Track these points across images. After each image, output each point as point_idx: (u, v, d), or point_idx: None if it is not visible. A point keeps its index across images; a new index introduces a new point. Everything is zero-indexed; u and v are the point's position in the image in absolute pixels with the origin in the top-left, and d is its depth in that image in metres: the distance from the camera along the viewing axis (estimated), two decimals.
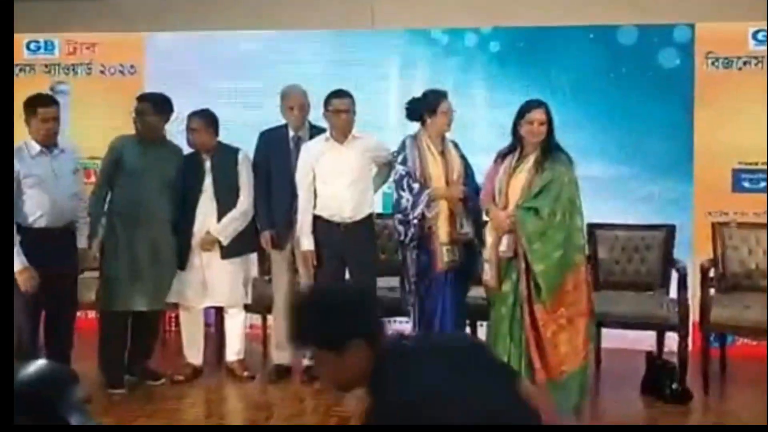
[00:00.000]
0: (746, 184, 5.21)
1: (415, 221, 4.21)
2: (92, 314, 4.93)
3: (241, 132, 4.93)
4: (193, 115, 4.61)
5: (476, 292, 4.27)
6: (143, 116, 4.46)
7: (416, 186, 4.22)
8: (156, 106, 4.48)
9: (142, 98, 4.58)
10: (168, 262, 4.49)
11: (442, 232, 4.22)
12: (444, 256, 4.21)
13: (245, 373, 4.64)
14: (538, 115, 3.92)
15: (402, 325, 4.59)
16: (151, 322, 4.57)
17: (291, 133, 4.65)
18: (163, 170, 4.49)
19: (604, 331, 4.56)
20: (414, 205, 4.21)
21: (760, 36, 5.21)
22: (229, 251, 4.59)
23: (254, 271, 5.03)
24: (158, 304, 4.50)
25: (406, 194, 4.23)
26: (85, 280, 4.84)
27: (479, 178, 4.25)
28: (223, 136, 4.70)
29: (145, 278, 4.39)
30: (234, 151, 4.65)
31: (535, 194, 3.84)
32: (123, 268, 4.37)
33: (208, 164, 4.59)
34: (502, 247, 3.89)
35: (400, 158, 4.30)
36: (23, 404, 1.38)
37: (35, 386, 1.43)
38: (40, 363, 1.48)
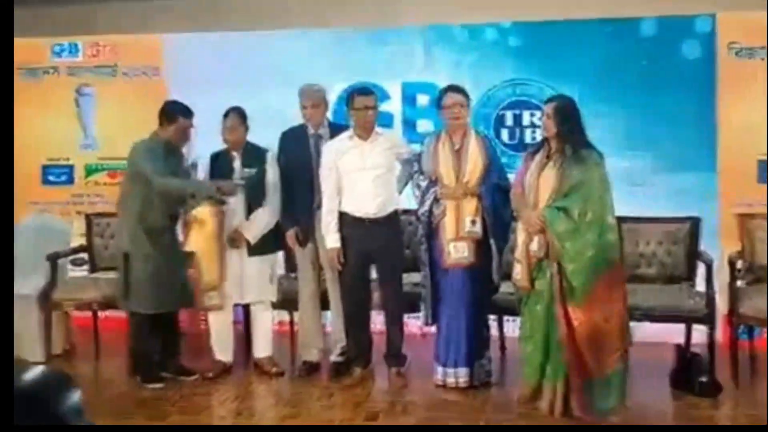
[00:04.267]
0: None
1: (424, 218, 4.28)
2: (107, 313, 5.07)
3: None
4: (229, 112, 4.66)
5: (507, 288, 4.29)
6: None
7: (425, 183, 4.28)
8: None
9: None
10: (175, 262, 4.53)
11: (449, 229, 4.28)
12: (450, 253, 4.25)
13: (274, 369, 4.68)
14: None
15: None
16: (171, 322, 4.63)
17: (311, 131, 4.68)
18: (177, 175, 4.54)
19: (632, 324, 4.54)
20: (421, 202, 4.29)
21: None
22: (256, 249, 4.64)
23: (281, 269, 5.06)
24: (173, 305, 4.56)
25: (416, 191, 4.35)
26: (96, 280, 4.95)
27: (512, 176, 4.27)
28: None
29: (170, 280, 4.44)
30: (263, 151, 4.71)
31: (565, 193, 3.82)
32: (148, 271, 4.43)
33: (237, 162, 4.63)
34: (534, 247, 3.88)
35: (415, 155, 4.37)
36: (22, 409, 1.38)
37: (34, 391, 1.43)
38: (38, 368, 1.49)
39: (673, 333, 4.61)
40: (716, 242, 4.99)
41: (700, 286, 4.55)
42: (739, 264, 4.60)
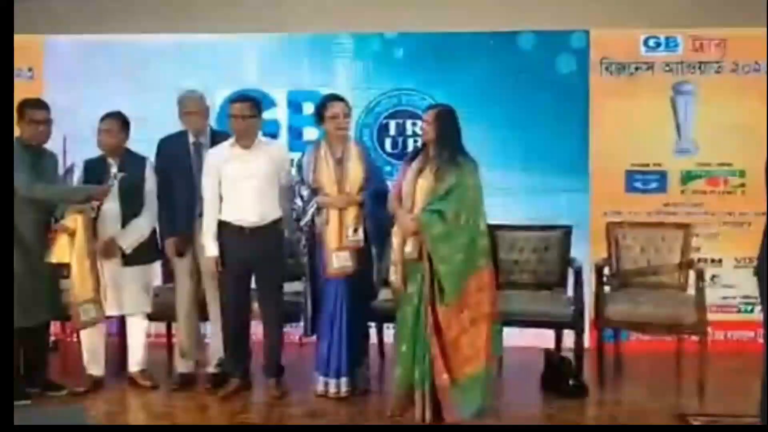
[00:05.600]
0: (638, 185, 5.45)
1: (306, 227, 4.30)
2: None
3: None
4: (106, 117, 4.55)
5: (385, 295, 4.35)
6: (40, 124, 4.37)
7: (306, 193, 4.30)
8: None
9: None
10: (42, 273, 4.36)
11: (332, 238, 4.32)
12: (333, 262, 4.29)
13: (148, 383, 4.59)
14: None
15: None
16: (38, 335, 4.46)
17: (191, 139, 4.61)
18: (47, 180, 4.41)
19: (506, 330, 4.68)
20: (303, 212, 4.30)
21: (650, 42, 5.45)
22: (132, 259, 4.53)
23: (158, 279, 4.96)
24: (41, 317, 4.39)
25: (297, 201, 4.34)
26: None
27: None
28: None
29: (24, 292, 4.27)
30: (141, 159, 4.62)
31: (440, 197, 3.92)
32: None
33: (114, 169, 4.53)
34: (408, 249, 3.96)
35: (296, 165, 4.38)
36: None
37: None
38: None
39: (546, 337, 4.76)
40: (587, 250, 5.20)
41: (571, 292, 4.72)
42: (606, 270, 4.80)
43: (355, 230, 4.33)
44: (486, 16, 5.52)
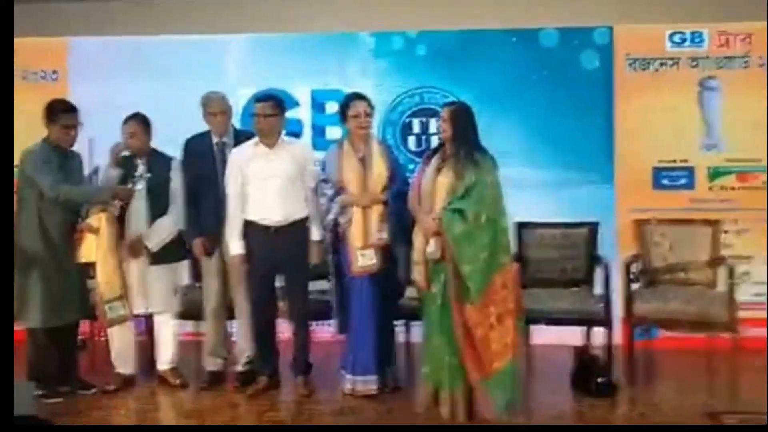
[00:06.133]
0: (666, 182, 5.40)
1: (329, 226, 4.32)
2: None
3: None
4: (129, 119, 4.58)
5: (412, 293, 4.35)
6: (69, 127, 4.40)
7: (330, 192, 4.31)
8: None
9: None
10: (71, 273, 4.39)
11: (356, 237, 4.32)
12: (359, 260, 4.28)
13: (177, 381, 4.61)
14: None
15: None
16: (68, 334, 4.49)
17: (215, 139, 4.63)
18: (74, 181, 4.43)
19: (534, 327, 4.66)
20: (327, 211, 4.31)
21: (675, 38, 5.41)
22: (158, 258, 4.56)
23: (186, 278, 4.98)
24: (70, 317, 4.42)
25: (321, 200, 4.36)
26: None
27: None
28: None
29: (53, 292, 4.31)
30: (168, 159, 4.65)
31: (460, 196, 3.90)
32: (43, 285, 4.30)
33: (141, 169, 4.55)
34: (430, 249, 3.95)
35: (320, 164, 4.39)
36: None
37: None
38: None
39: (575, 335, 4.73)
40: (613, 246, 5.17)
41: (599, 289, 4.69)
42: (634, 267, 4.76)
43: (379, 229, 4.33)
44: (508, 12, 5.51)
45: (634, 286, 4.71)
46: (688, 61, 5.39)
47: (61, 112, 4.37)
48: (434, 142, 5.51)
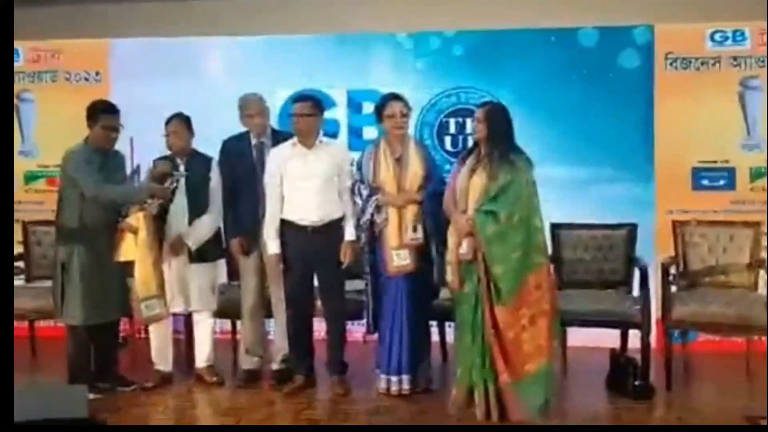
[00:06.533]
0: (705, 182, 5.33)
1: (365, 226, 4.35)
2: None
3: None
4: (172, 119, 4.65)
5: (446, 294, 4.35)
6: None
7: (365, 192, 4.34)
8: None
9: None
10: (112, 272, 4.46)
11: (392, 236, 4.34)
12: (394, 260, 4.30)
13: (214, 379, 4.67)
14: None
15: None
16: (109, 332, 4.57)
17: (253, 140, 4.68)
18: (115, 181, 4.50)
19: (570, 329, 4.64)
20: (363, 211, 4.34)
21: (717, 37, 5.33)
22: (197, 256, 4.62)
23: (223, 277, 5.05)
24: (111, 315, 4.49)
25: (357, 200, 4.39)
26: (32, 290, 4.82)
27: None
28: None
29: (95, 290, 4.39)
30: (208, 159, 4.71)
31: (493, 197, 3.91)
32: (84, 282, 4.37)
33: (182, 169, 4.63)
34: (462, 250, 3.95)
35: (356, 164, 4.43)
36: None
37: None
38: None
39: (611, 337, 4.69)
40: (653, 248, 5.11)
41: (636, 291, 4.64)
42: (673, 269, 4.71)
43: (415, 229, 4.34)
44: (546, 11, 5.47)
45: (673, 288, 4.65)
46: (729, 60, 5.30)
47: (102, 113, 4.44)
48: (471, 142, 5.51)
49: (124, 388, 4.55)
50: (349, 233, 4.45)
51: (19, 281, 5.32)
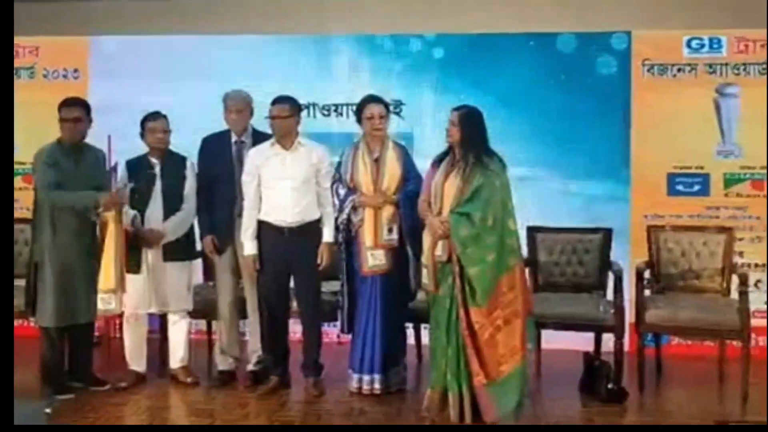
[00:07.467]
0: (680, 188, 5.38)
1: (342, 225, 4.38)
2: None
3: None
4: (150, 117, 4.64)
5: (422, 296, 4.37)
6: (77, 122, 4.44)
7: (343, 192, 4.36)
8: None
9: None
10: (86, 273, 4.42)
11: (367, 237, 4.37)
12: (369, 260, 4.33)
13: (189, 380, 4.66)
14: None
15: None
16: (83, 332, 4.54)
17: (233, 138, 4.67)
18: (90, 177, 4.46)
19: (545, 332, 4.67)
20: (340, 210, 4.36)
21: (693, 44, 5.38)
22: (171, 254, 4.61)
23: (199, 277, 5.03)
24: (84, 316, 4.45)
25: (335, 199, 4.43)
26: None
27: None
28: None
29: (78, 291, 4.37)
30: (182, 158, 4.70)
31: (467, 199, 3.93)
32: (55, 282, 4.35)
33: (158, 169, 4.61)
34: (438, 252, 3.98)
35: (335, 164, 4.45)
36: None
37: None
38: None
39: (585, 341, 4.73)
40: (626, 252, 5.16)
41: (611, 295, 4.67)
42: (647, 274, 4.75)
43: (390, 230, 4.38)
44: (525, 17, 5.51)
45: (647, 292, 4.69)
46: (705, 68, 5.36)
47: (61, 107, 4.43)
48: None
49: (98, 387, 4.52)
50: (327, 235, 4.46)
51: None
